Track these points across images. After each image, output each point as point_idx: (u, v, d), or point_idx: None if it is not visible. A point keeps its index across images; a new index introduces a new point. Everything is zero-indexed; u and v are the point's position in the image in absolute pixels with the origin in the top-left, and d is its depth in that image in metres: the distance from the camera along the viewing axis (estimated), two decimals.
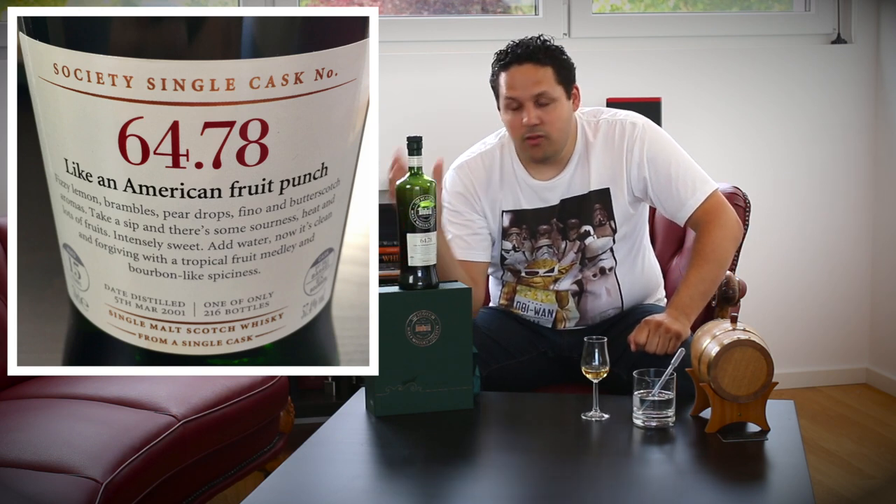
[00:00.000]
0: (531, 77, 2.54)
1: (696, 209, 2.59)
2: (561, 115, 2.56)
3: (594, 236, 2.63)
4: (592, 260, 2.65)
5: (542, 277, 2.67)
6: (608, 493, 1.98)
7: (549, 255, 2.66)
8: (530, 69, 2.55)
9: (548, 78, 2.55)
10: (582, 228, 2.64)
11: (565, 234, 2.64)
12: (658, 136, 2.64)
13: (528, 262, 2.68)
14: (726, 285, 2.69)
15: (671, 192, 2.60)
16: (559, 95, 2.56)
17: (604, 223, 2.63)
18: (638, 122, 2.63)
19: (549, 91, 2.54)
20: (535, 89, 2.54)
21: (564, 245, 2.65)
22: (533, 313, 2.70)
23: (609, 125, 2.65)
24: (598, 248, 2.64)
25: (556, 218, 2.64)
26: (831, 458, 3.47)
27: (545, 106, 2.55)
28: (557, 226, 2.65)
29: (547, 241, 2.65)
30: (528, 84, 2.54)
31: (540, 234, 2.65)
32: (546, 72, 2.55)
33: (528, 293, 2.69)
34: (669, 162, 2.60)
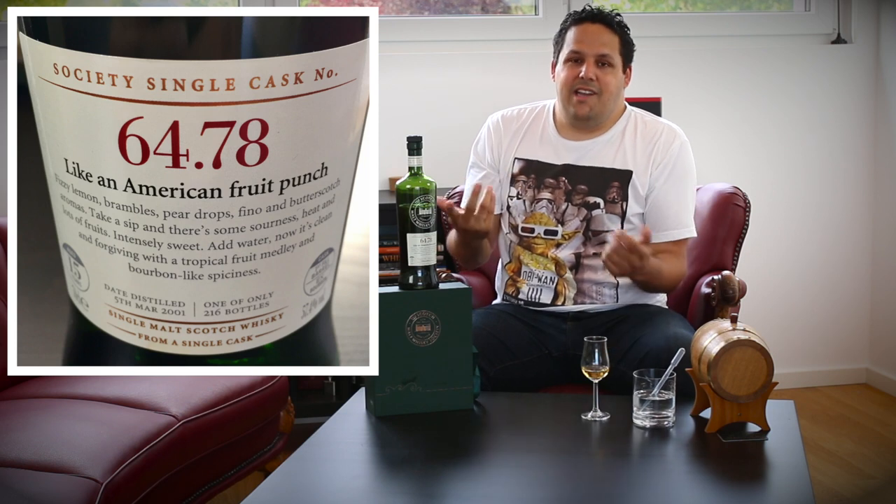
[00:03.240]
0: (600, 37, 2.69)
1: (667, 241, 2.69)
2: (614, 81, 2.70)
3: (602, 210, 2.68)
4: (597, 235, 2.68)
5: (544, 239, 2.69)
6: (608, 494, 1.98)
7: (546, 210, 2.71)
8: (601, 29, 2.70)
9: (614, 44, 2.70)
10: (591, 199, 2.68)
11: (569, 196, 2.70)
12: (688, 159, 2.75)
13: (527, 213, 2.72)
14: (726, 285, 2.69)
15: (660, 210, 2.69)
16: (618, 64, 2.70)
17: (617, 202, 2.69)
18: (680, 135, 2.75)
19: (612, 55, 2.69)
20: (600, 49, 2.68)
21: (566, 207, 2.69)
22: (537, 281, 2.72)
23: (656, 123, 2.77)
24: (604, 223, 2.68)
25: (565, 178, 2.70)
26: (831, 458, 3.47)
27: (604, 67, 2.68)
28: (565, 185, 2.70)
29: (549, 196, 2.70)
30: (596, 42, 2.68)
31: (544, 186, 2.71)
32: (613, 38, 2.70)
33: (531, 261, 2.71)
34: (679, 186, 2.71)
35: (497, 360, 2.60)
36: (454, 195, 3.01)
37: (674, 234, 2.70)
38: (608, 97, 2.69)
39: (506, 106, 2.86)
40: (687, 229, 2.72)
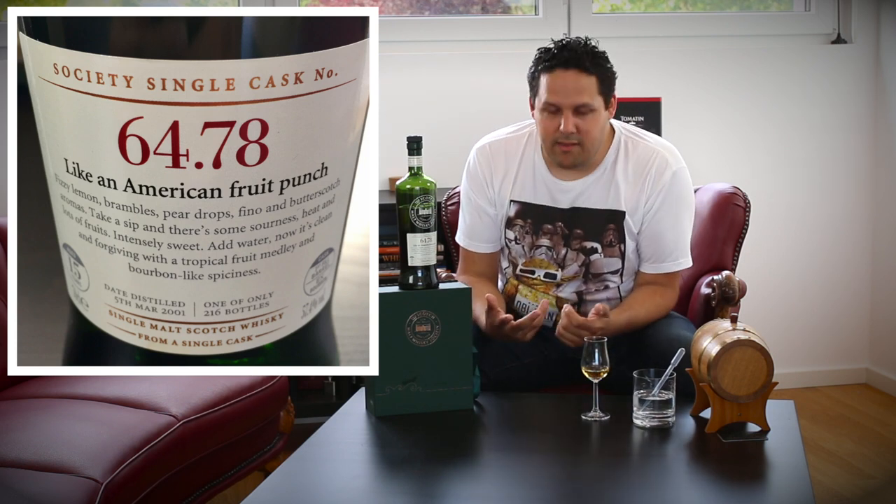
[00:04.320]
0: (575, 85, 2.49)
1: (659, 273, 2.63)
2: (596, 126, 2.53)
3: (601, 254, 2.62)
4: (598, 277, 2.64)
5: (544, 282, 2.66)
6: (608, 494, 1.98)
7: (546, 256, 2.65)
8: (575, 76, 2.49)
9: (591, 88, 2.50)
10: (588, 244, 2.62)
11: (568, 241, 2.63)
12: (682, 187, 2.62)
13: (526, 257, 2.67)
14: (726, 285, 2.69)
15: (654, 241, 2.62)
16: (599, 106, 2.52)
17: (614, 244, 2.61)
18: (672, 164, 2.60)
19: (590, 102, 2.50)
20: (577, 99, 2.49)
21: (565, 252, 2.63)
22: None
23: (648, 151, 2.61)
24: (603, 266, 2.63)
25: (562, 222, 2.62)
26: (831, 458, 3.47)
27: (584, 115, 2.50)
28: (562, 230, 2.63)
29: (547, 242, 2.64)
30: (571, 92, 2.49)
31: (543, 232, 2.64)
32: (590, 81, 2.50)
33: (528, 294, 2.69)
34: (672, 217, 2.61)
35: (497, 362, 2.60)
36: (454, 195, 3.00)
37: (667, 267, 2.63)
38: (591, 143, 2.53)
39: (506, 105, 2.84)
40: (679, 261, 2.63)
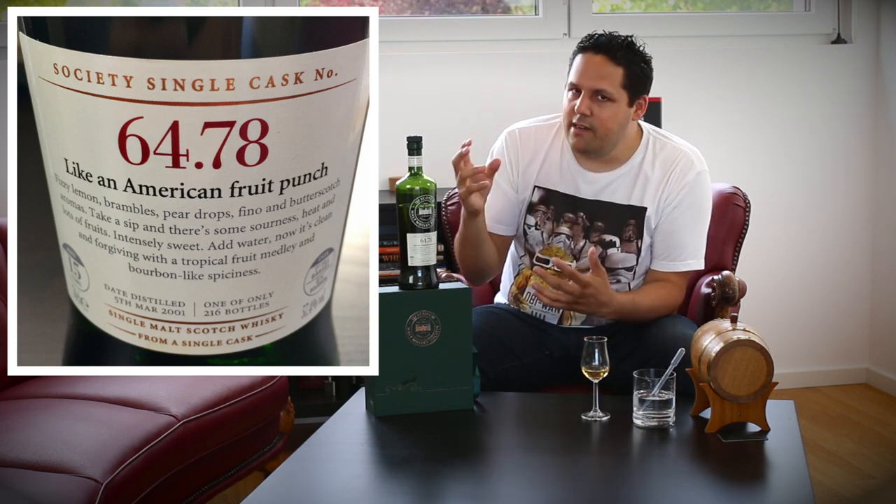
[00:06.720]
0: (598, 70, 2.53)
1: (670, 272, 2.64)
2: (613, 117, 2.55)
3: (618, 248, 2.63)
4: (612, 271, 2.64)
5: (557, 273, 2.65)
6: (608, 494, 1.98)
7: (563, 245, 2.66)
8: (601, 62, 2.54)
9: (614, 77, 2.53)
10: (607, 237, 2.63)
11: (587, 233, 2.64)
12: (702, 190, 2.65)
13: (544, 244, 2.68)
14: (726, 285, 2.69)
15: (667, 239, 2.63)
16: (619, 98, 2.54)
17: (632, 240, 2.63)
18: (696, 165, 2.64)
19: (610, 90, 2.53)
20: (597, 83, 2.53)
21: (583, 244, 2.64)
22: (540, 306, 2.70)
23: (675, 151, 2.65)
24: (619, 261, 2.64)
25: (584, 213, 2.64)
26: (831, 458, 3.47)
27: (601, 102, 2.54)
28: (584, 221, 2.64)
29: (567, 231, 2.65)
30: (593, 75, 2.53)
31: (564, 220, 2.65)
32: (615, 71, 2.54)
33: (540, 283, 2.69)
34: (688, 217, 2.63)
35: (497, 361, 2.60)
36: (454, 195, 3.00)
37: (677, 266, 2.64)
38: (604, 133, 2.55)
39: (506, 105, 2.85)
40: (689, 262, 2.65)
